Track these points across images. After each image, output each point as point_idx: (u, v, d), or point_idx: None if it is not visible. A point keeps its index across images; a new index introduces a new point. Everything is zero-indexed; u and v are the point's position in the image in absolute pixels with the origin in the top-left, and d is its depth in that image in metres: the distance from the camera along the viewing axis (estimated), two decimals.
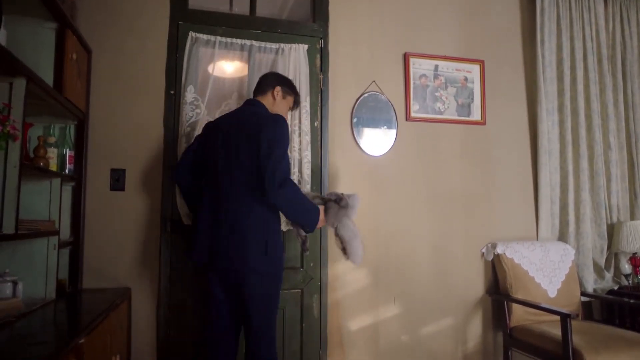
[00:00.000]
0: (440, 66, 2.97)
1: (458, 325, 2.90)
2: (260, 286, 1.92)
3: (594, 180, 3.16)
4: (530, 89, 3.20)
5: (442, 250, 2.91)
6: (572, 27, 3.23)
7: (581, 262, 3.06)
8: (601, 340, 2.38)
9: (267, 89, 2.19)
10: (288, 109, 2.29)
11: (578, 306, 2.88)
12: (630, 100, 3.34)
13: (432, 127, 2.96)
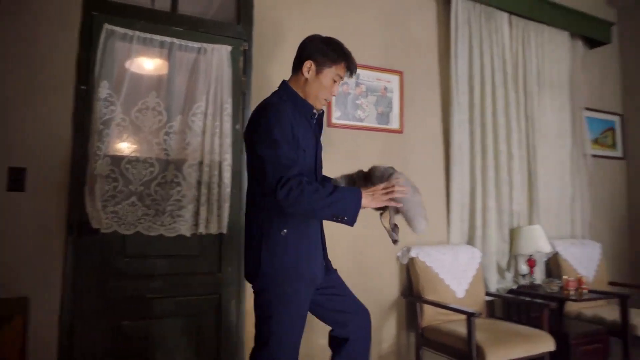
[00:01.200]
0: (361, 75, 3.06)
1: (374, 327, 2.98)
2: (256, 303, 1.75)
3: (499, 188, 3.42)
4: (445, 100, 3.39)
5: (361, 254, 2.99)
6: (482, 45, 3.48)
7: (486, 264, 3.29)
8: (501, 335, 2.59)
9: (297, 65, 1.82)
10: (332, 84, 1.81)
11: (482, 305, 3.09)
12: (530, 115, 3.66)
13: (353, 134, 3.03)
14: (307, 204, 1.57)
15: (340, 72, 1.81)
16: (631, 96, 4.39)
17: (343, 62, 1.80)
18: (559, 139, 3.84)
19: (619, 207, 4.31)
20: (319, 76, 1.78)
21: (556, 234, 3.69)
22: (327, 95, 1.82)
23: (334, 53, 1.79)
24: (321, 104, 1.84)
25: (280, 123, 1.64)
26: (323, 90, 1.79)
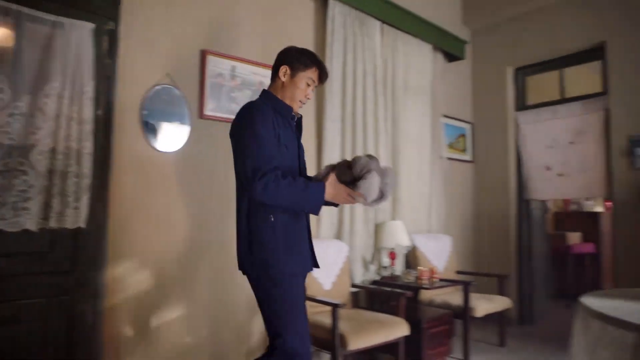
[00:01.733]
0: (237, 68, 3.02)
1: (243, 323, 2.98)
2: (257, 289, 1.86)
3: None
4: (319, 99, 3.50)
5: (231, 249, 2.94)
6: (356, 49, 3.65)
7: (353, 258, 3.48)
8: (362, 324, 2.77)
9: (274, 73, 2.01)
10: (306, 87, 1.97)
11: (348, 296, 3.27)
12: (396, 119, 3.95)
13: (226, 126, 2.96)
14: (280, 197, 1.72)
15: (312, 76, 1.98)
16: (479, 107, 4.98)
17: (315, 67, 1.98)
18: (420, 142, 4.21)
19: (468, 205, 4.87)
20: (294, 79, 1.95)
21: (415, 228, 4.04)
22: (302, 97, 1.97)
23: (307, 59, 1.97)
24: (298, 106, 1.99)
25: (263, 120, 1.79)
26: (298, 92, 1.95)
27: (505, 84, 4.80)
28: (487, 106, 4.91)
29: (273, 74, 2.02)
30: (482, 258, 4.82)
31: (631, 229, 3.81)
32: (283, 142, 1.86)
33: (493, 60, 4.88)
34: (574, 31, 4.28)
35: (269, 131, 1.80)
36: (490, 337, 3.96)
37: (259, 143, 1.75)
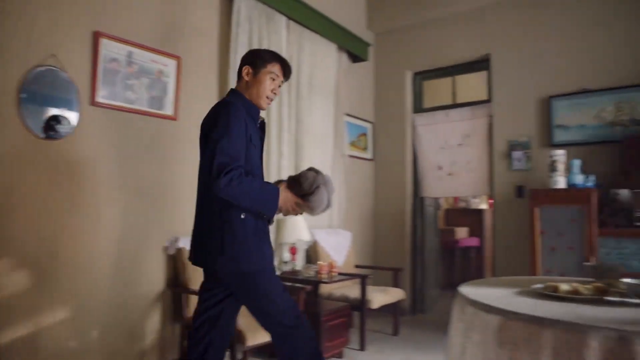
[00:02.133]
0: (135, 54, 2.85)
1: (136, 322, 2.84)
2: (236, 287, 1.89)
3: None
4: (222, 92, 3.42)
5: (125, 245, 2.79)
6: (262, 43, 3.62)
7: None
8: None
9: (239, 74, 2.04)
10: (270, 82, 1.98)
11: None
12: (300, 116, 3.99)
13: (121, 115, 2.80)
14: (241, 194, 1.73)
15: (274, 70, 2.00)
16: (380, 108, 5.21)
17: (274, 62, 2.01)
18: (323, 139, 4.30)
19: (367, 202, 5.08)
20: (257, 77, 1.98)
21: (316, 223, 4.12)
22: (268, 92, 1.99)
23: (266, 55, 2.01)
24: (264, 102, 2.01)
25: (238, 119, 1.82)
26: (262, 88, 1.97)
27: (405, 87, 5.07)
28: (388, 107, 5.15)
29: (238, 75, 2.06)
30: (380, 252, 5.05)
31: (508, 224, 4.23)
32: (253, 141, 1.92)
33: (394, 64, 5.13)
34: (465, 42, 4.64)
35: (241, 130, 1.83)
36: (386, 327, 4.17)
37: (229, 139, 1.76)
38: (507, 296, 1.43)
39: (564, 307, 1.28)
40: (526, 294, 1.47)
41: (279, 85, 2.05)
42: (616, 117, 3.75)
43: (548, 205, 3.57)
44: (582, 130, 3.89)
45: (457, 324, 1.46)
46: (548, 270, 3.52)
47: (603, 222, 3.43)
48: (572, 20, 4.03)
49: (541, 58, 4.15)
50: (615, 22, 3.84)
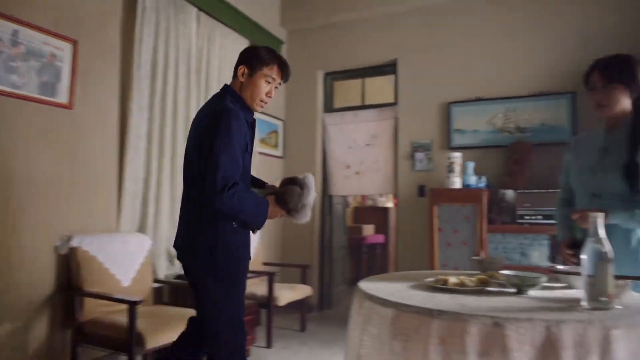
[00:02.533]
0: (22, 33, 2.59)
1: (19, 330, 2.58)
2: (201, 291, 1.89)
3: (174, 178, 3.49)
4: (124, 82, 3.22)
5: (6, 245, 2.52)
6: (169, 34, 3.48)
7: (157, 252, 3.31)
8: (163, 320, 2.66)
9: (235, 72, 1.95)
10: (265, 85, 1.91)
11: (149, 292, 3.10)
12: None
13: (5, 101, 2.53)
14: (241, 210, 1.77)
15: (271, 73, 1.92)
16: (291, 106, 5.23)
17: (273, 64, 1.92)
18: None
19: None
20: (252, 78, 1.90)
21: None
22: (261, 96, 1.92)
23: (265, 56, 1.92)
24: (258, 105, 1.95)
25: (240, 130, 1.78)
26: (257, 91, 1.90)
27: (316, 86, 5.15)
28: (299, 105, 5.19)
29: (234, 73, 1.98)
30: (288, 249, 5.08)
31: (410, 221, 4.47)
32: (249, 149, 1.91)
33: (306, 63, 5.18)
34: (375, 46, 4.82)
35: (241, 140, 1.80)
36: (293, 323, 4.21)
37: (232, 152, 1.74)
38: (402, 290, 1.51)
39: (451, 299, 1.38)
40: (419, 288, 1.56)
41: (276, 87, 1.97)
42: (504, 124, 4.12)
43: (445, 203, 3.83)
44: (476, 135, 4.22)
45: (355, 317, 1.52)
46: (444, 264, 3.78)
47: (492, 219, 3.76)
48: (472, 32, 4.35)
49: (443, 66, 4.43)
50: (508, 38, 4.21)
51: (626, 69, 1.85)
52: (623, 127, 1.88)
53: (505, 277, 1.54)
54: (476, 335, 1.15)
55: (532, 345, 1.12)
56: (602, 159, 1.89)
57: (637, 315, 1.20)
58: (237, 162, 1.76)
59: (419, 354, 1.24)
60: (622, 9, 3.81)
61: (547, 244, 3.53)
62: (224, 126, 1.75)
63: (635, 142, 1.82)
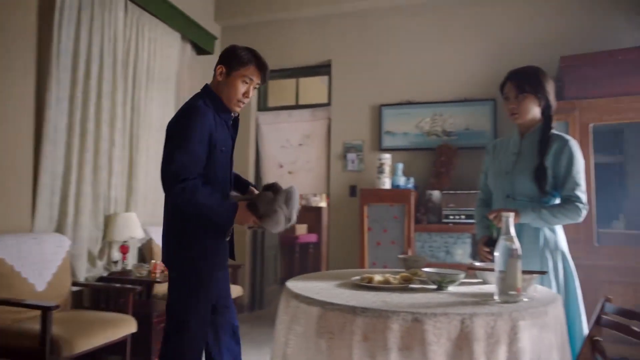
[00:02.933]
0: None
1: None
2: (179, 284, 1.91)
3: (97, 174, 3.31)
4: (42, 71, 3.01)
5: None
6: (93, 21, 3.28)
7: (76, 253, 3.12)
8: (82, 326, 2.52)
9: (215, 69, 1.96)
10: (241, 85, 1.91)
11: (68, 297, 2.91)
12: (136, 105, 3.72)
13: None
14: (195, 204, 1.75)
15: (248, 73, 1.91)
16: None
17: (250, 65, 1.91)
18: (163, 131, 4.05)
19: None
20: (229, 78, 1.91)
21: (152, 220, 3.89)
22: (238, 96, 1.92)
23: (243, 56, 1.92)
24: (235, 105, 1.95)
25: (201, 125, 1.79)
26: (233, 91, 1.90)
27: None
28: None
29: (214, 73, 1.98)
30: None
31: (342, 221, 4.54)
32: (219, 147, 1.88)
33: None
34: (309, 46, 4.85)
35: (203, 137, 1.80)
36: None
37: (186, 148, 1.75)
38: (328, 289, 1.53)
39: (376, 296, 1.42)
40: (345, 286, 1.59)
41: (254, 87, 1.97)
42: (432, 127, 4.31)
43: (375, 203, 3.93)
44: (406, 137, 4.37)
45: (282, 317, 1.52)
46: (374, 263, 3.88)
47: (419, 219, 3.91)
48: (405, 37, 4.50)
49: (376, 69, 4.54)
50: (437, 44, 4.40)
51: (535, 80, 1.99)
52: (534, 134, 2.03)
53: (427, 275, 1.61)
54: (397, 331, 1.19)
55: (448, 338, 1.18)
56: (516, 163, 2.03)
57: (541, 306, 1.30)
58: (193, 158, 1.77)
59: (344, 351, 1.26)
60: (539, 22, 4.11)
61: (470, 242, 3.73)
62: (184, 123, 1.81)
63: (543, 148, 1.97)
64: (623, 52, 3.48)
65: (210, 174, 1.87)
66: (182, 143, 1.76)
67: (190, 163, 1.76)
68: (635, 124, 3.45)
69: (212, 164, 1.86)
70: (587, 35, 3.93)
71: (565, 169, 1.93)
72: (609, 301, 1.74)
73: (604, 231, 3.47)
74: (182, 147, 1.76)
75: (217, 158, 1.88)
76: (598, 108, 3.42)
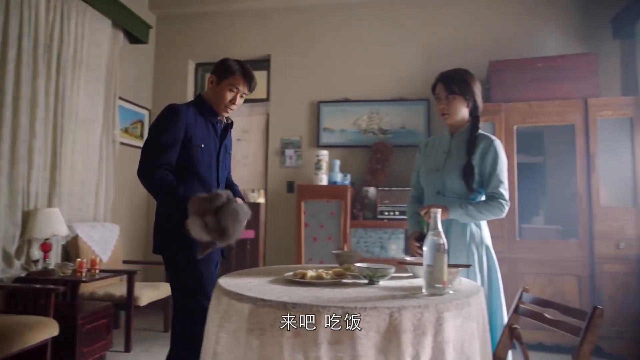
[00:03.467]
0: None
1: None
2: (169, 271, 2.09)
3: (15, 167, 3.07)
4: None
5: None
6: (10, 2, 3.04)
7: None
8: None
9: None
10: (228, 94, 2.05)
11: None
12: (61, 93, 3.49)
13: None
14: (152, 193, 1.98)
15: (235, 82, 2.06)
16: (159, 95, 4.95)
17: (236, 75, 2.06)
18: (90, 123, 3.86)
19: (140, 192, 4.76)
20: (218, 87, 2.07)
21: (79, 216, 3.68)
22: (225, 102, 2.07)
23: (231, 67, 2.07)
24: (223, 110, 2.10)
25: (172, 121, 1.97)
26: (220, 98, 2.06)
27: (187, 77, 4.94)
28: (167, 95, 4.91)
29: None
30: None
31: (279, 217, 4.53)
32: (196, 142, 2.02)
33: (176, 51, 4.94)
34: (249, 40, 4.78)
35: (175, 132, 1.97)
36: (156, 324, 4.01)
37: (153, 141, 1.96)
38: (260, 285, 1.51)
39: (308, 292, 1.42)
40: (278, 282, 1.58)
41: (241, 96, 2.10)
42: (368, 125, 4.39)
43: (313, 199, 3.95)
44: (343, 135, 4.43)
45: (213, 314, 1.48)
46: (310, 258, 3.90)
47: (355, 215, 3.98)
48: (344, 35, 4.55)
49: (315, 65, 4.56)
50: (376, 43, 4.48)
51: (463, 82, 2.08)
52: (463, 134, 2.13)
53: (359, 269, 1.64)
54: (327, 326, 1.20)
55: (377, 331, 1.21)
56: (446, 161, 2.12)
57: (464, 298, 1.36)
58: (156, 150, 1.95)
59: (275, 347, 1.25)
60: (472, 27, 4.30)
61: (403, 237, 3.85)
62: (157, 119, 2.02)
63: (470, 148, 2.07)
64: (544, 60, 3.73)
65: (191, 168, 2.03)
66: (149, 138, 1.99)
67: (153, 154, 1.95)
68: (554, 126, 3.71)
69: (189, 158, 2.01)
70: (515, 42, 4.18)
71: (490, 167, 2.03)
72: (526, 291, 1.85)
73: (526, 226, 3.71)
74: (148, 143, 1.98)
75: (194, 153, 2.02)
76: (522, 111, 3.64)
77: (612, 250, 3.39)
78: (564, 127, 3.64)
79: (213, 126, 2.13)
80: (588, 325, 1.44)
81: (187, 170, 2.02)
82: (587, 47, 4.05)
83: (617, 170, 3.47)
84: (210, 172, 2.10)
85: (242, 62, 2.13)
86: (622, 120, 3.49)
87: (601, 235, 3.42)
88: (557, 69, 3.64)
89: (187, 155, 2.00)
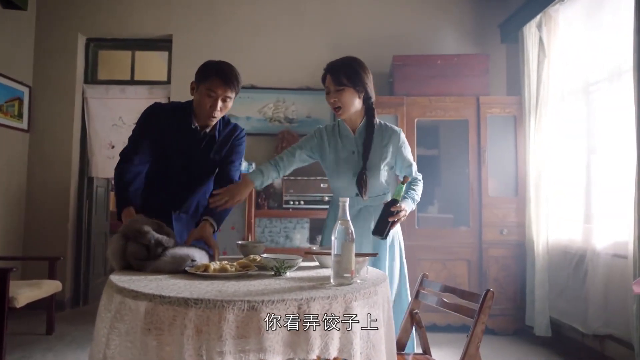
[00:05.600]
0: None
1: None
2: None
3: None
4: None
5: None
6: None
7: None
8: None
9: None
10: (207, 99, 1.91)
11: None
12: None
13: None
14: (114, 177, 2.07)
15: (211, 86, 1.90)
16: (42, 71, 4.42)
17: (212, 78, 1.91)
18: None
19: (17, 180, 4.24)
20: (197, 93, 1.96)
21: None
22: (205, 110, 1.94)
23: (206, 71, 1.95)
24: (207, 118, 1.97)
25: (146, 122, 2.03)
26: (201, 105, 1.94)
27: (76, 52, 4.47)
28: (52, 71, 4.43)
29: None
30: (33, 240, 4.31)
31: None
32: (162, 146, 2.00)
33: (63, 22, 4.44)
34: (148, 18, 4.44)
35: (146, 132, 2.01)
36: (38, 326, 3.61)
37: (132, 137, 2.05)
38: (159, 280, 1.40)
39: (211, 286, 1.33)
40: (179, 276, 1.47)
41: (223, 100, 1.93)
42: (274, 113, 4.33)
43: None
44: (248, 122, 4.31)
45: (103, 314, 1.33)
46: None
47: (260, 204, 3.90)
48: (252, 19, 4.42)
49: (220, 49, 4.37)
50: (284, 30, 4.41)
51: (353, 72, 1.95)
52: (362, 131, 2.06)
53: (264, 261, 1.58)
54: (233, 322, 1.13)
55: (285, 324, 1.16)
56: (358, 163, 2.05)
57: (371, 286, 1.37)
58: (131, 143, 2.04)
59: (174, 347, 1.16)
60: (378, 20, 4.41)
61: (308, 227, 3.86)
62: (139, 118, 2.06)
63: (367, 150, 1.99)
64: (443, 58, 3.94)
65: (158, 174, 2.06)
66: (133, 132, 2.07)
67: (125, 149, 2.06)
68: (448, 121, 3.94)
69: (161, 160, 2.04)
70: (418, 38, 4.37)
71: (404, 154, 2.10)
72: (426, 277, 1.93)
73: (422, 215, 3.91)
74: (133, 133, 2.06)
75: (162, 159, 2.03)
76: (422, 105, 3.82)
77: (496, 236, 3.71)
78: (457, 122, 3.88)
79: (191, 133, 2.01)
80: (481, 307, 1.54)
81: (154, 175, 2.07)
82: (480, 48, 4.36)
83: (502, 163, 3.79)
84: (172, 177, 2.06)
85: (222, 63, 1.99)
86: (507, 118, 3.81)
87: (488, 222, 3.72)
88: (454, 67, 3.87)
89: (154, 160, 2.04)
